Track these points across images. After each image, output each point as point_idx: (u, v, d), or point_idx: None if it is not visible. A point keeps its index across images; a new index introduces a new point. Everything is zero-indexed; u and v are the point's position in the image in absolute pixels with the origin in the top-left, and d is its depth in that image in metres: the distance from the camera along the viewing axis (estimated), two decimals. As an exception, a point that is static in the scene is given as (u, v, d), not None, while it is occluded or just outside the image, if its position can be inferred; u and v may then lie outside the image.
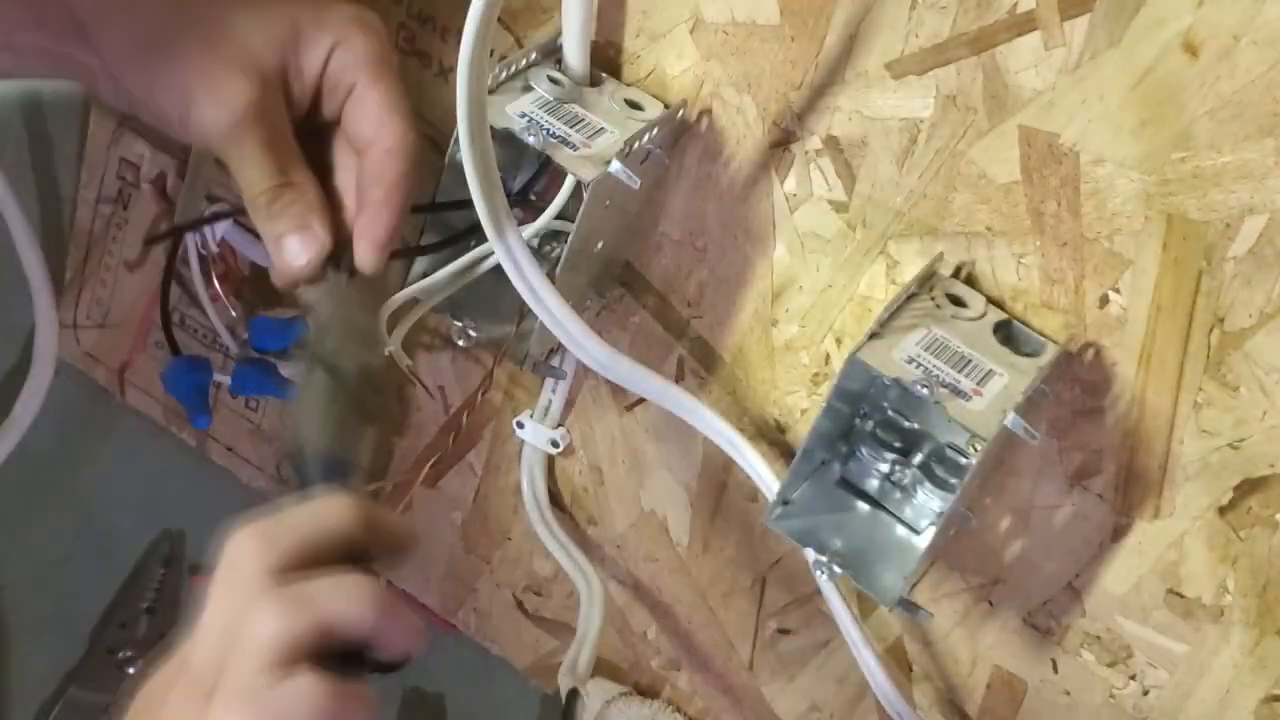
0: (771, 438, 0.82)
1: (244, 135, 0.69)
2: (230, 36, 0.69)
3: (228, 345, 0.98)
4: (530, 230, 0.75)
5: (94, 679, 1.01)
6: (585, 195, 0.72)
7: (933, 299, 0.72)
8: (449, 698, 1.06)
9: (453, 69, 0.83)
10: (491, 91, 0.74)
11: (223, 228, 0.95)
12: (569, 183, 0.73)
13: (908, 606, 0.71)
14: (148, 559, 1.07)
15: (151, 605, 1.03)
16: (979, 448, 0.68)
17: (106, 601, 1.06)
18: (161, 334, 0.98)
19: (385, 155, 0.70)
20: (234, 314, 0.97)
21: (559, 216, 0.75)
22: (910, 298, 0.71)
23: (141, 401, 1.09)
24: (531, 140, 0.72)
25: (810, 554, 0.73)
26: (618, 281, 0.83)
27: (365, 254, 0.71)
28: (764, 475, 0.77)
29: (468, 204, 0.68)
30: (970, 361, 0.69)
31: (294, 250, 0.70)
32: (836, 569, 0.72)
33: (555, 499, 0.93)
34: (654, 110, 0.76)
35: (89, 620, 1.05)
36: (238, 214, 0.91)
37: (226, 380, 0.94)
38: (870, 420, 0.75)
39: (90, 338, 1.09)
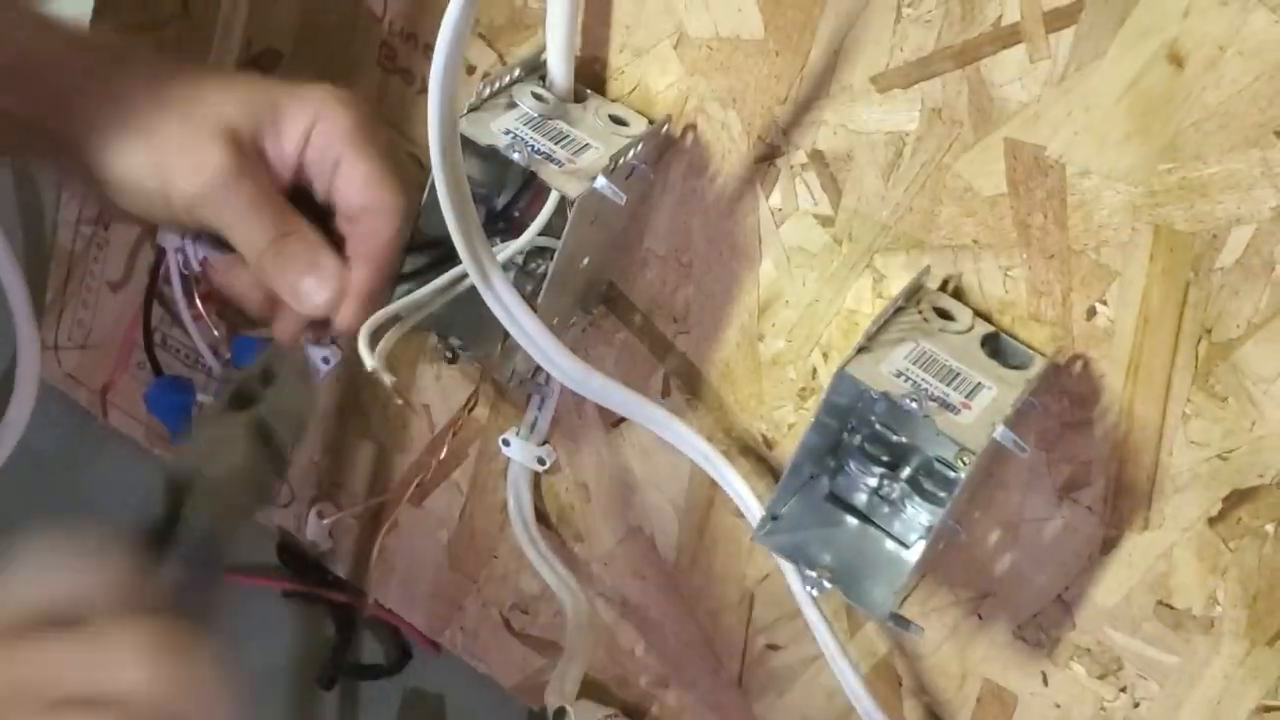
0: (759, 453, 0.82)
1: (230, 196, 0.69)
2: (205, 106, 0.69)
3: (210, 365, 0.98)
4: (513, 248, 0.75)
5: None
6: (571, 212, 0.72)
7: (920, 312, 0.72)
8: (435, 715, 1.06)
9: (436, 86, 0.83)
10: (476, 108, 0.74)
11: (204, 247, 0.95)
12: (552, 199, 0.72)
13: (898, 621, 0.71)
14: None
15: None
16: (968, 461, 0.67)
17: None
18: (143, 354, 0.98)
19: (373, 217, 0.71)
20: (216, 333, 0.97)
21: (543, 233, 0.75)
22: (897, 311, 0.71)
23: (124, 422, 1.09)
24: (516, 157, 0.72)
25: (788, 568, 0.73)
26: (603, 298, 0.83)
27: (345, 307, 0.71)
28: (741, 491, 0.77)
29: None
30: (958, 375, 0.69)
31: (310, 289, 0.70)
32: (826, 584, 0.72)
33: (542, 516, 0.92)
34: (639, 126, 0.76)
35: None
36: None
37: (210, 400, 0.94)
38: (858, 434, 0.75)
39: (72, 359, 1.09)
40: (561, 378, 0.75)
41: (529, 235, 0.74)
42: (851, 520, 0.76)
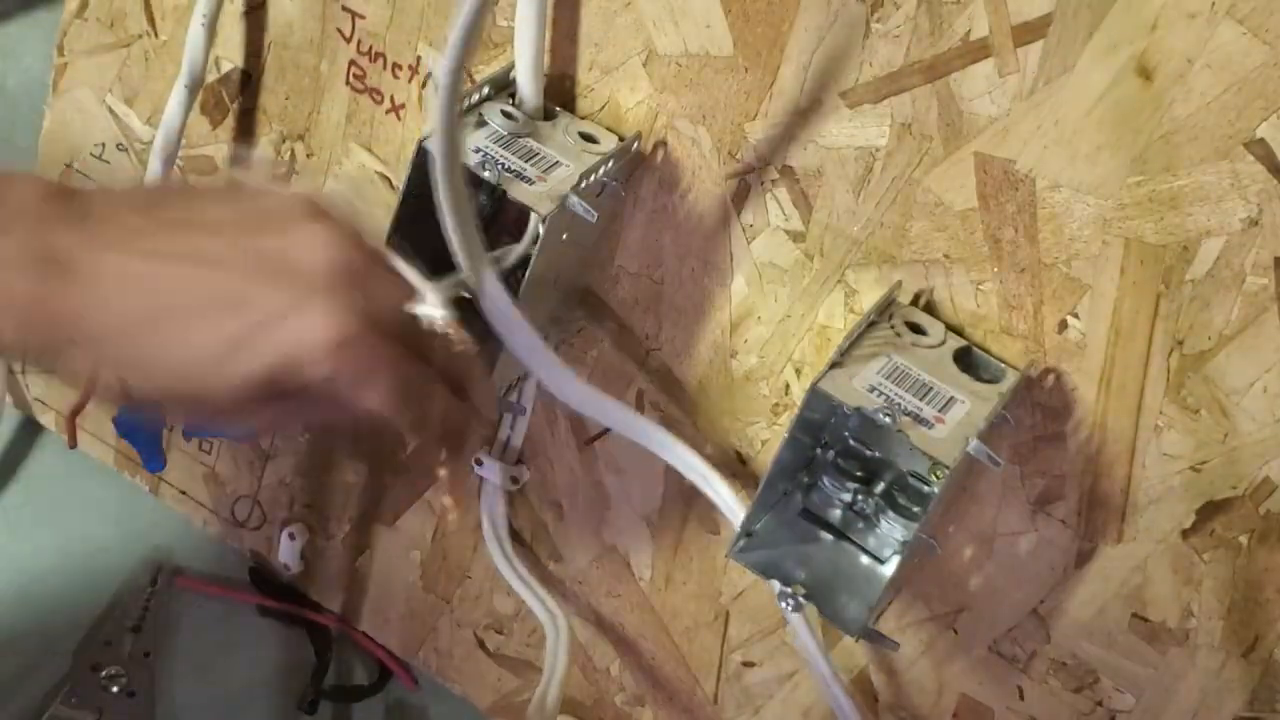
0: (733, 469, 0.82)
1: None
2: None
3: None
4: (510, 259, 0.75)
5: (77, 696, 1.00)
6: (541, 229, 0.71)
7: (892, 327, 0.72)
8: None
9: (404, 105, 0.83)
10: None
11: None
12: (535, 218, 0.72)
13: (873, 636, 0.71)
14: (135, 576, 1.06)
15: (137, 624, 1.03)
16: (942, 475, 0.67)
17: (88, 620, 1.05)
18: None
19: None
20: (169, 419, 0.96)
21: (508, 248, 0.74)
22: (870, 326, 0.71)
23: (93, 447, 1.08)
24: (487, 175, 0.71)
25: (775, 586, 0.73)
26: (576, 315, 0.83)
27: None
28: (731, 504, 0.77)
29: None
30: (931, 389, 0.69)
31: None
32: (801, 600, 0.72)
33: (516, 536, 0.92)
34: (608, 143, 0.76)
35: (72, 637, 1.04)
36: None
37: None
38: (832, 450, 0.75)
39: (39, 384, 1.08)
40: (563, 395, 0.74)
41: (520, 249, 0.74)
42: (826, 536, 0.76)
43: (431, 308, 0.62)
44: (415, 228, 0.70)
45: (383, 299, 0.59)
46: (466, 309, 0.70)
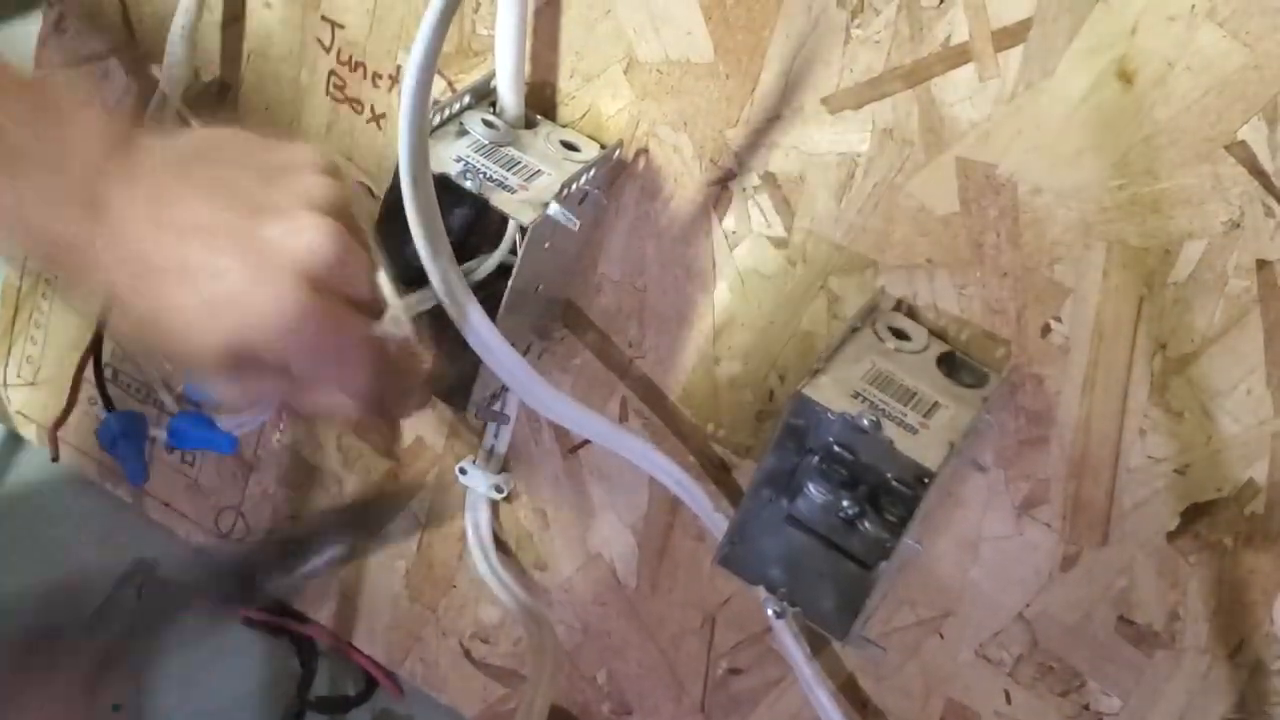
0: (717, 476, 0.81)
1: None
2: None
3: (163, 399, 0.97)
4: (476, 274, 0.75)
5: None
6: (524, 239, 0.71)
7: (875, 333, 0.72)
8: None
9: (384, 115, 0.83)
10: (426, 136, 0.73)
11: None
12: (512, 226, 0.72)
13: (859, 642, 0.71)
14: (120, 588, 1.05)
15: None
16: (927, 481, 0.67)
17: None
18: (95, 390, 0.97)
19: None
20: (168, 367, 0.96)
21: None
22: (853, 332, 0.71)
23: (76, 459, 1.07)
24: (469, 184, 0.71)
25: (761, 592, 0.73)
26: (559, 323, 0.83)
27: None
28: (711, 514, 0.77)
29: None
30: (915, 394, 0.69)
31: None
32: (787, 606, 0.72)
33: (501, 544, 0.92)
34: (590, 151, 0.76)
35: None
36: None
37: (163, 435, 0.93)
38: (816, 456, 0.75)
39: (21, 396, 1.08)
40: (543, 409, 0.74)
41: (493, 260, 0.74)
42: (811, 542, 0.75)
43: (393, 326, 0.63)
44: (399, 239, 0.70)
45: (353, 290, 0.61)
46: (443, 317, 0.70)
